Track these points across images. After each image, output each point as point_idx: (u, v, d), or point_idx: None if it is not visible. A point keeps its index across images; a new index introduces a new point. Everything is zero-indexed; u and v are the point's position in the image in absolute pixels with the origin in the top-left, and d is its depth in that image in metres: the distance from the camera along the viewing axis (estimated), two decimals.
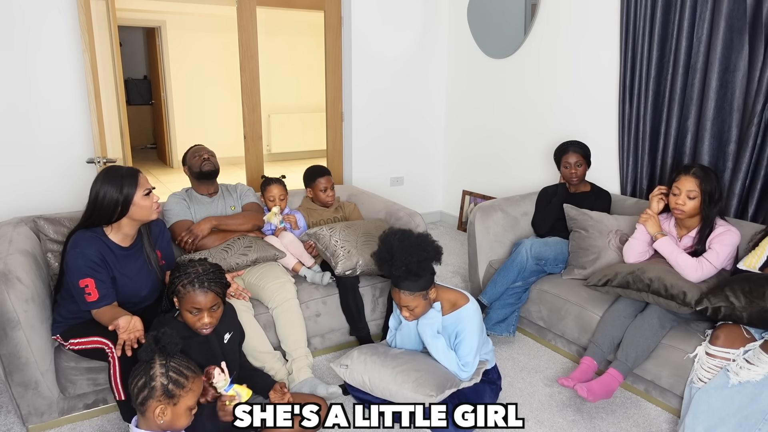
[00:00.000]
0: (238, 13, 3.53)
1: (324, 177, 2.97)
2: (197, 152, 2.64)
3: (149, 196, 1.97)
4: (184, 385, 1.48)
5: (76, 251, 1.88)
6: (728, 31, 2.56)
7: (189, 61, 7.33)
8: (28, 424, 2.03)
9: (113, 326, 1.79)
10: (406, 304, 1.96)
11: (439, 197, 4.87)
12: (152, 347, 1.49)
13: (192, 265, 1.80)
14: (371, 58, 4.08)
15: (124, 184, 1.91)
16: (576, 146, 2.92)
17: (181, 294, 1.76)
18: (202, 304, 1.75)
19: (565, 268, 2.80)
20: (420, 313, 1.99)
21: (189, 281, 1.75)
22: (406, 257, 1.89)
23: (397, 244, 1.93)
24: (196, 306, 1.75)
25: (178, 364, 1.49)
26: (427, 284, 1.96)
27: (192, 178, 2.66)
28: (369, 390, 2.03)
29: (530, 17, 3.69)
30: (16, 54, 2.81)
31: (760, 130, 2.50)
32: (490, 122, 4.17)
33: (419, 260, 1.91)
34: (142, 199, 1.94)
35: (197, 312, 1.77)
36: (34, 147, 2.94)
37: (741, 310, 1.97)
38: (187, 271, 1.77)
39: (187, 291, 1.75)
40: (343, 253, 2.51)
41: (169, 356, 1.49)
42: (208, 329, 1.81)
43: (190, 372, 1.51)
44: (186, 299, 1.76)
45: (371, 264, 2.53)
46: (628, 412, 2.24)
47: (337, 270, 2.49)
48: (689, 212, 2.31)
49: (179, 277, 1.77)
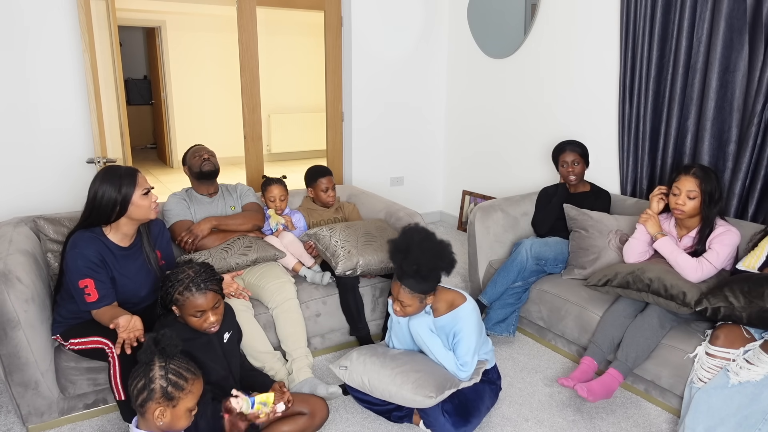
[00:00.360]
0: (238, 13, 3.53)
1: (326, 177, 2.97)
2: (197, 152, 2.63)
3: (148, 196, 1.97)
4: (183, 387, 1.47)
5: (75, 252, 1.88)
6: (728, 31, 2.56)
7: (189, 61, 7.33)
8: (28, 424, 2.03)
9: (113, 325, 1.80)
10: (402, 299, 1.95)
11: (439, 197, 4.87)
12: (152, 349, 1.48)
13: (181, 270, 1.78)
14: (371, 58, 4.08)
15: (123, 183, 1.91)
16: (573, 145, 2.92)
17: (180, 302, 1.75)
18: (204, 305, 1.75)
19: (565, 268, 2.80)
20: (410, 312, 1.99)
21: (185, 287, 1.74)
22: (421, 258, 1.88)
23: (417, 242, 1.91)
24: (199, 309, 1.75)
25: (177, 366, 1.49)
26: (428, 290, 1.95)
27: (192, 178, 2.65)
28: (368, 391, 2.03)
29: (530, 17, 3.69)
30: (16, 54, 2.81)
31: (760, 130, 2.50)
32: (490, 122, 4.17)
33: (432, 267, 1.90)
34: (141, 199, 1.94)
35: (201, 314, 1.76)
36: (34, 147, 2.94)
37: (740, 311, 1.97)
38: (179, 278, 1.75)
39: (186, 297, 1.74)
40: (344, 254, 2.51)
41: (169, 358, 1.49)
42: (216, 327, 1.81)
43: (189, 374, 1.50)
44: (187, 305, 1.75)
45: (371, 264, 2.53)
46: (628, 412, 2.24)
47: (337, 270, 2.49)
48: (689, 212, 2.31)
49: (173, 285, 1.75)
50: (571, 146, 2.92)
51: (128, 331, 1.78)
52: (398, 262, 1.92)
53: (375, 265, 2.54)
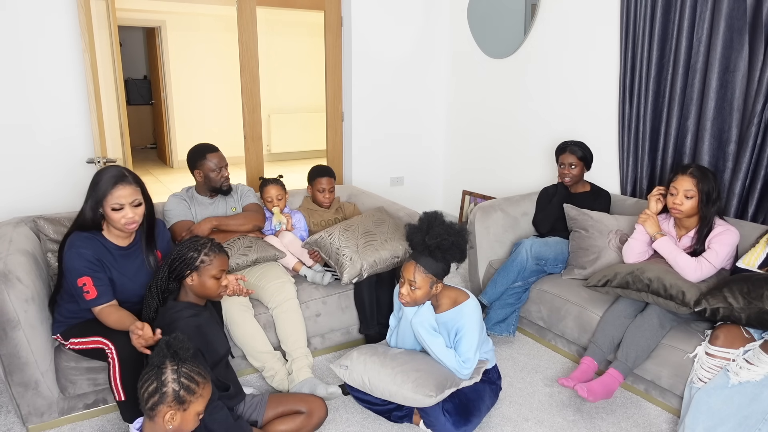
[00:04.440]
0: (238, 13, 3.53)
1: (325, 178, 2.97)
2: (219, 166, 2.56)
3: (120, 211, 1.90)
4: (195, 391, 1.46)
5: (72, 251, 1.89)
6: (728, 31, 2.56)
7: (189, 61, 7.33)
8: (28, 424, 2.03)
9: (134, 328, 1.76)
10: (416, 278, 1.95)
11: (439, 197, 4.86)
12: (164, 352, 1.47)
13: (195, 239, 1.93)
14: (371, 58, 4.08)
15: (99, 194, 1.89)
16: (575, 147, 2.91)
17: (205, 263, 1.87)
18: (225, 266, 1.92)
19: (565, 268, 2.80)
20: (418, 298, 1.98)
21: (210, 248, 1.89)
22: (444, 233, 1.94)
23: (440, 221, 1.99)
24: (223, 268, 1.91)
25: (189, 369, 1.47)
26: (441, 272, 1.98)
27: (203, 184, 2.61)
28: (369, 390, 2.03)
29: (530, 17, 3.69)
30: (16, 54, 2.81)
31: (760, 130, 2.50)
32: (490, 122, 4.17)
33: (453, 243, 1.95)
34: (112, 213, 1.90)
35: (221, 275, 1.91)
36: (34, 147, 2.94)
37: (739, 311, 1.97)
38: (200, 242, 1.91)
39: (212, 258, 1.88)
40: (346, 261, 2.50)
41: (181, 362, 1.48)
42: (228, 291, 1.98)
43: (200, 378, 1.49)
44: (213, 265, 1.88)
45: (376, 264, 2.52)
46: (628, 412, 2.24)
47: (343, 280, 2.47)
48: (687, 212, 2.31)
49: (197, 249, 1.88)
50: (572, 147, 2.91)
51: (143, 338, 1.76)
52: (419, 238, 1.97)
53: (380, 264, 2.53)
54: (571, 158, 2.90)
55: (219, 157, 2.58)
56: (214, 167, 2.56)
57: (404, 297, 1.99)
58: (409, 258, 2.01)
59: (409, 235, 2.03)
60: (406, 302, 2.00)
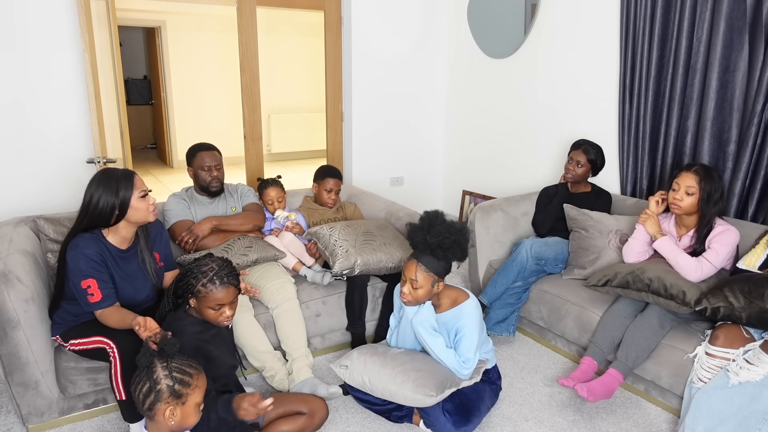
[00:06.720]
0: (238, 13, 3.53)
1: (334, 179, 2.98)
2: (208, 164, 2.56)
3: (145, 198, 1.96)
4: (189, 383, 1.48)
5: (76, 252, 1.87)
6: (728, 31, 2.56)
7: (189, 61, 7.33)
8: (28, 424, 2.03)
9: (135, 324, 1.77)
10: (417, 277, 1.95)
11: (439, 197, 4.86)
12: (150, 351, 1.48)
13: (204, 263, 1.82)
14: (371, 58, 4.08)
15: (120, 186, 1.89)
16: (590, 148, 2.88)
17: (201, 294, 1.78)
18: (224, 299, 1.79)
19: (565, 268, 2.80)
20: (419, 297, 1.98)
21: (209, 280, 1.77)
22: (446, 232, 1.94)
23: (441, 220, 1.99)
24: (219, 302, 1.79)
25: (179, 363, 1.49)
26: (442, 271, 1.98)
27: (195, 185, 2.64)
28: (369, 390, 2.03)
29: (530, 17, 3.69)
30: (17, 54, 2.81)
31: (760, 130, 2.50)
32: (490, 122, 4.17)
33: (454, 241, 1.95)
34: (139, 202, 1.93)
35: (219, 308, 1.80)
36: (34, 147, 2.94)
37: (740, 311, 1.97)
38: (203, 270, 1.79)
39: (209, 290, 1.77)
40: (341, 253, 2.51)
41: (169, 357, 1.49)
42: (229, 322, 1.85)
43: (192, 369, 1.50)
44: (208, 298, 1.78)
45: (370, 264, 2.53)
46: (628, 412, 2.24)
47: (334, 269, 2.49)
48: (686, 209, 2.31)
49: (196, 276, 1.78)
50: (586, 147, 2.88)
51: (149, 330, 1.76)
52: (421, 237, 1.97)
53: (373, 265, 2.54)
54: (581, 157, 2.89)
55: (210, 156, 2.58)
56: (204, 165, 2.57)
57: (406, 296, 1.99)
58: (410, 257, 2.01)
59: (410, 233, 2.03)
60: (407, 301, 2.00)
